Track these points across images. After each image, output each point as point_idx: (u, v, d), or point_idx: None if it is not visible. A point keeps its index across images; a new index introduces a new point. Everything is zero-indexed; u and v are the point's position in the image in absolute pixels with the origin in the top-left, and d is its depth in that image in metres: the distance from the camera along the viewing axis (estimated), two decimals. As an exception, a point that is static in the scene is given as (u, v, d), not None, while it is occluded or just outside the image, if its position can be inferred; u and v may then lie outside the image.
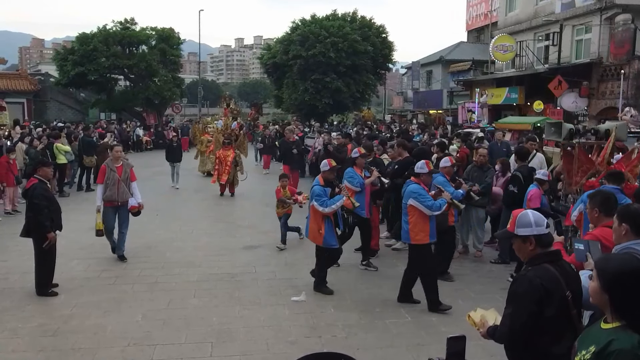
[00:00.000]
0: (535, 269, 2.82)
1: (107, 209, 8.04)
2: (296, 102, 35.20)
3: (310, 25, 34.84)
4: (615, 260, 2.28)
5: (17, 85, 33.61)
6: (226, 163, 13.86)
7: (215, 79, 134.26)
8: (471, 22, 36.05)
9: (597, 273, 2.24)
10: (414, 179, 6.42)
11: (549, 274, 2.76)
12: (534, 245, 2.88)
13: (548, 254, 2.88)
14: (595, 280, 2.24)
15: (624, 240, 3.18)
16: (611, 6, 17.94)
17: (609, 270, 2.20)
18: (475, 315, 3.03)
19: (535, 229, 2.86)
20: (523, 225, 2.90)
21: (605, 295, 2.18)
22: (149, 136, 29.07)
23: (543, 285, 2.72)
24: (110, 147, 9.42)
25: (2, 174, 11.50)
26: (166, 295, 6.63)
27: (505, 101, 22.29)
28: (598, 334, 2.21)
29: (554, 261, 2.85)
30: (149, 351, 5.12)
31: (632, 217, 3.16)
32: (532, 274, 2.78)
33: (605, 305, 2.20)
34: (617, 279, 2.16)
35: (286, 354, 5.02)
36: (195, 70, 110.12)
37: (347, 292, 6.82)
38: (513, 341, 2.84)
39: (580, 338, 2.36)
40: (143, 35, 34.63)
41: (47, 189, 6.86)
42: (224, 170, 13.85)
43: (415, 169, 6.56)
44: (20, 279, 7.14)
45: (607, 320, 2.24)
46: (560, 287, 2.74)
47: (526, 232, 2.88)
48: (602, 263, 2.29)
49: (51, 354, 5.07)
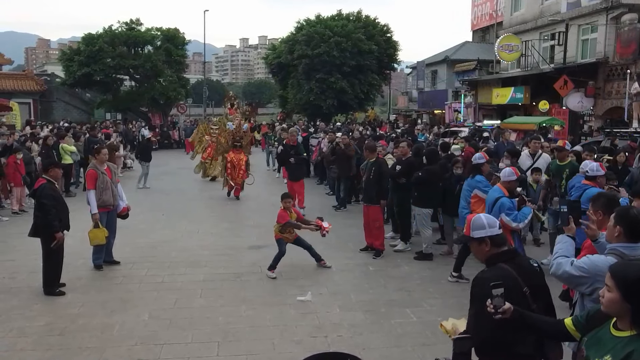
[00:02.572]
0: (492, 269, 2.93)
1: (100, 216, 7.54)
2: (301, 102, 35.23)
3: (315, 25, 34.88)
4: (633, 268, 2.22)
5: (23, 85, 33.81)
6: (240, 167, 13.51)
7: (220, 79, 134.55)
8: (476, 21, 35.97)
9: (615, 283, 2.17)
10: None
11: (505, 272, 2.85)
12: (489, 246, 3.00)
13: (503, 253, 2.99)
14: (613, 291, 2.17)
15: (615, 241, 3.17)
16: (617, 5, 17.86)
17: (631, 278, 2.14)
18: (447, 324, 3.12)
19: (488, 230, 2.99)
20: (477, 227, 3.02)
21: (626, 305, 2.12)
22: (154, 136, 29.17)
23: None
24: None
25: (9, 174, 11.57)
26: (172, 294, 6.66)
27: (510, 101, 22.23)
28: (611, 342, 2.15)
29: (510, 259, 2.95)
30: (156, 350, 5.15)
31: (629, 221, 3.14)
32: (489, 275, 2.87)
33: (625, 314, 2.14)
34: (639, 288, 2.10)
35: (292, 353, 5.04)
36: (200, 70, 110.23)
37: (352, 292, 6.83)
38: (481, 341, 2.89)
39: (589, 342, 2.31)
40: (148, 36, 34.75)
41: (55, 189, 6.87)
42: (237, 174, 13.50)
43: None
44: (27, 278, 7.18)
45: (618, 326, 2.19)
46: (517, 284, 2.83)
47: (481, 234, 3.00)
48: (620, 272, 2.22)
49: (58, 353, 5.11)
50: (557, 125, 16.82)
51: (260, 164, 19.75)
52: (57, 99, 37.24)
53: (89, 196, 7.55)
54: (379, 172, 8.41)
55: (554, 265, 3.30)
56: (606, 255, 3.13)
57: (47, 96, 36.09)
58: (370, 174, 8.48)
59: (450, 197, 8.32)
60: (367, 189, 8.60)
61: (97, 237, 7.43)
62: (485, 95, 25.12)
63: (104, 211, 7.66)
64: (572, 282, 3.24)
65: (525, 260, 3.11)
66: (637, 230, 3.12)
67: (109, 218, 7.77)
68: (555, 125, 16.79)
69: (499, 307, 2.56)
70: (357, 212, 11.30)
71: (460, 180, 8.32)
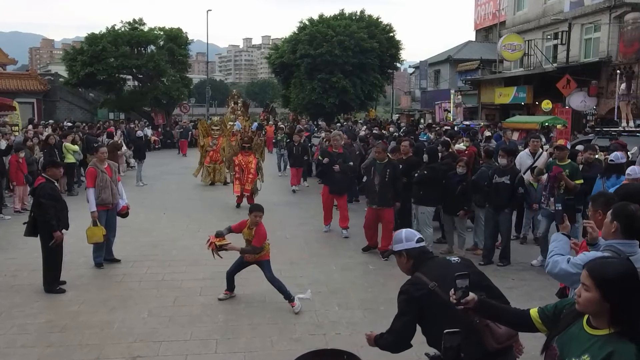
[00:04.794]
0: (409, 280, 3.15)
1: (99, 214, 7.56)
2: (304, 102, 35.26)
3: (318, 25, 34.89)
4: (612, 267, 2.13)
5: (27, 85, 33.94)
6: (249, 170, 12.29)
7: (224, 79, 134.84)
8: (479, 21, 35.92)
9: (593, 282, 2.08)
10: None
11: (415, 279, 3.09)
12: (406, 258, 3.22)
13: (417, 262, 3.18)
14: (591, 290, 2.08)
15: (611, 237, 3.14)
16: (620, 5, 17.81)
17: (609, 277, 2.06)
18: None
19: (405, 244, 3.21)
20: (396, 242, 3.27)
21: (605, 304, 2.05)
22: (157, 136, 29.32)
23: (412, 292, 3.05)
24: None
25: (12, 173, 11.63)
26: (172, 292, 6.69)
27: (513, 100, 22.21)
28: (587, 341, 2.08)
29: (422, 264, 3.15)
30: (155, 347, 5.18)
31: (626, 217, 3.10)
32: (404, 287, 3.12)
33: (602, 313, 2.07)
34: (619, 286, 2.04)
35: (290, 350, 5.04)
36: (203, 70, 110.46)
37: (351, 290, 6.85)
38: (399, 341, 3.21)
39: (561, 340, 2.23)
40: (151, 36, 34.83)
41: (54, 188, 6.86)
42: (246, 178, 12.27)
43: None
44: (28, 276, 7.23)
45: (592, 324, 2.13)
46: (424, 284, 3.00)
47: (399, 247, 3.23)
48: (598, 270, 2.12)
49: (59, 350, 5.14)
50: (560, 124, 16.79)
51: (268, 167, 19.44)
52: (60, 98, 37.36)
53: (88, 194, 7.59)
54: (394, 173, 8.17)
55: (549, 264, 3.29)
56: (602, 251, 3.10)
57: (51, 96, 36.22)
58: (385, 176, 8.16)
59: (452, 196, 8.32)
60: (381, 191, 8.21)
61: (95, 234, 7.44)
62: (488, 95, 25.11)
63: (103, 210, 7.67)
64: (569, 279, 3.23)
65: (435, 258, 3.30)
66: (633, 227, 3.09)
67: (108, 216, 7.79)
68: (558, 125, 16.76)
69: (462, 298, 2.58)
70: (357, 211, 11.31)
71: (463, 179, 8.30)
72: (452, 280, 2.63)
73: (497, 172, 8.03)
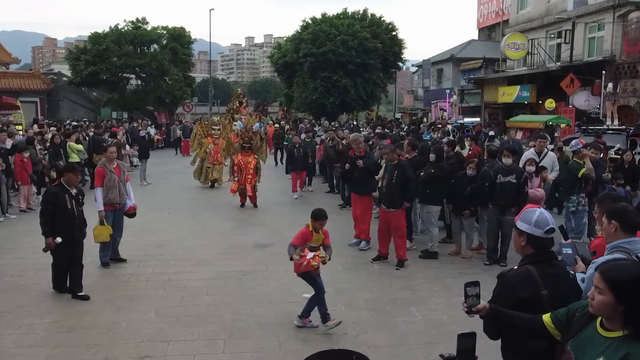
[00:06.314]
0: (517, 269, 2.89)
1: (106, 213, 7.57)
2: (306, 101, 35.24)
3: (321, 24, 34.88)
4: (624, 269, 2.13)
5: (30, 84, 33.98)
6: (247, 171, 12.35)
7: (226, 78, 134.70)
8: (482, 20, 35.82)
9: (606, 285, 2.08)
10: None
11: (527, 274, 2.82)
12: (525, 242, 2.93)
13: (536, 255, 2.90)
14: (605, 293, 2.08)
15: (614, 238, 3.11)
16: (624, 3, 17.76)
17: (622, 280, 2.06)
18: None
19: (531, 228, 2.90)
20: (524, 220, 2.96)
21: (619, 307, 2.05)
22: (160, 135, 29.33)
23: (515, 288, 2.79)
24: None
25: (16, 172, 11.65)
26: (178, 292, 6.70)
27: (516, 99, 22.14)
28: (602, 344, 2.08)
29: (542, 261, 2.87)
30: (162, 347, 5.19)
31: (620, 213, 3.10)
32: (511, 274, 2.86)
33: (617, 315, 2.07)
34: (632, 288, 2.03)
35: (297, 351, 5.06)
36: (206, 69, 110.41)
37: (357, 291, 6.85)
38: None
39: (575, 344, 2.22)
40: (154, 35, 34.84)
41: (58, 195, 6.48)
42: (245, 178, 12.34)
43: None
44: (35, 276, 7.24)
45: (606, 326, 2.13)
46: (535, 287, 2.76)
47: (523, 227, 2.93)
48: (611, 273, 2.12)
49: (66, 350, 5.16)
50: (564, 123, 16.77)
51: (268, 162, 19.54)
52: (63, 97, 37.38)
53: (96, 193, 7.62)
54: (403, 175, 7.84)
55: None
56: (612, 253, 3.08)
57: (54, 95, 36.24)
58: (393, 177, 7.87)
59: (460, 196, 8.29)
60: (387, 193, 7.93)
61: (102, 234, 7.46)
62: (491, 94, 25.03)
63: (111, 209, 7.70)
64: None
65: (559, 264, 3.00)
66: (630, 220, 3.08)
67: (115, 216, 7.81)
68: (561, 124, 16.74)
69: (472, 306, 2.56)
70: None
71: (473, 181, 8.26)
72: (564, 293, 2.59)
73: (502, 171, 8.01)
